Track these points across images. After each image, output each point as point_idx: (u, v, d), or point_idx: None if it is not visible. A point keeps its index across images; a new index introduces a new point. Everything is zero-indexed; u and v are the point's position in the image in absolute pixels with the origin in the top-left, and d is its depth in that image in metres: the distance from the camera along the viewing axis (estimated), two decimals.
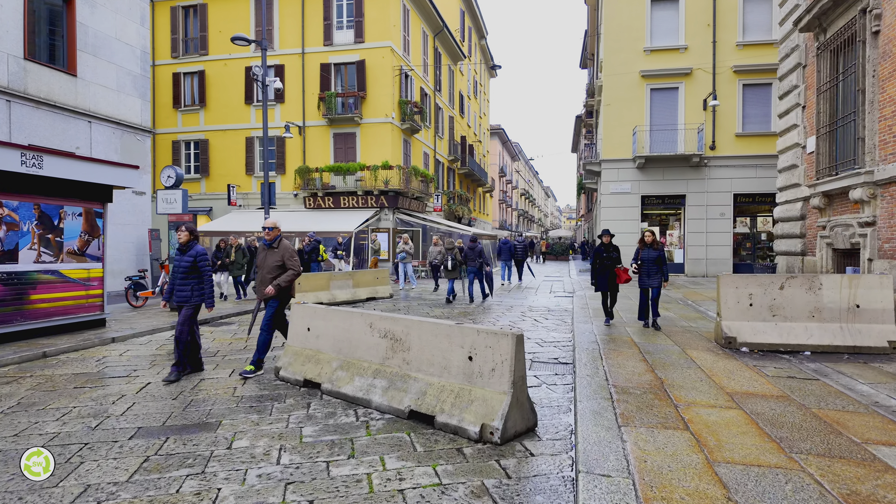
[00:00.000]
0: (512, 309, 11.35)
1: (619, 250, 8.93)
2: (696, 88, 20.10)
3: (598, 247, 9.00)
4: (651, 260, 8.35)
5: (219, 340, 8.04)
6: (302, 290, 11.93)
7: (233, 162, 24.87)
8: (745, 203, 20.19)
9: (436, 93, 29.84)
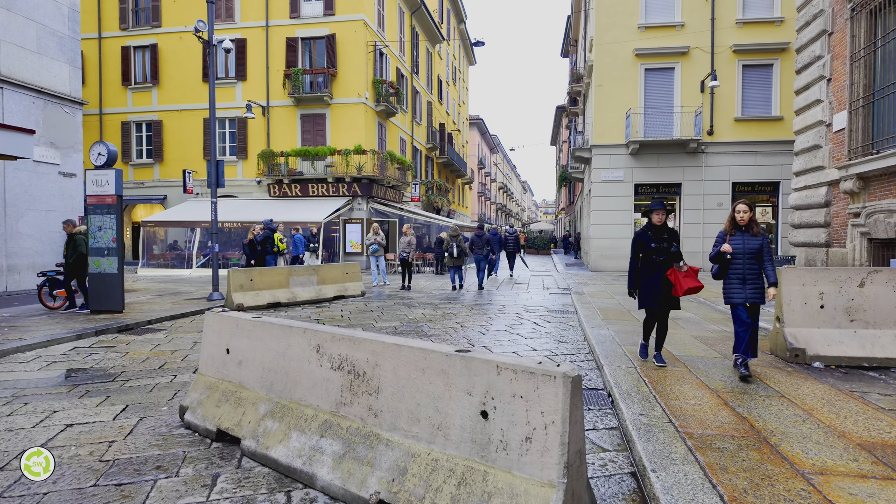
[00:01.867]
0: (505, 309, 9.68)
1: (678, 238, 5.27)
2: (694, 69, 18.71)
3: (641, 232, 5.31)
4: (749, 254, 4.81)
5: (133, 354, 6.16)
6: (255, 287, 10.06)
7: (189, 145, 22.59)
8: (744, 192, 18.93)
9: (413, 75, 27.94)
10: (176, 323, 8.37)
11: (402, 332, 7.45)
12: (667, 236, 5.17)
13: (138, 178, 23.19)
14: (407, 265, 13.10)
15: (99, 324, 7.80)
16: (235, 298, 9.73)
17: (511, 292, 12.60)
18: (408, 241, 13.08)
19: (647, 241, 5.17)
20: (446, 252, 13.34)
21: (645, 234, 5.23)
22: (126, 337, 7.22)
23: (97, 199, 9.03)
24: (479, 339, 6.86)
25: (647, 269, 5.16)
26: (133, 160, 23.13)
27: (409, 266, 13.12)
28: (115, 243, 8.89)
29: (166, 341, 6.90)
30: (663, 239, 5.15)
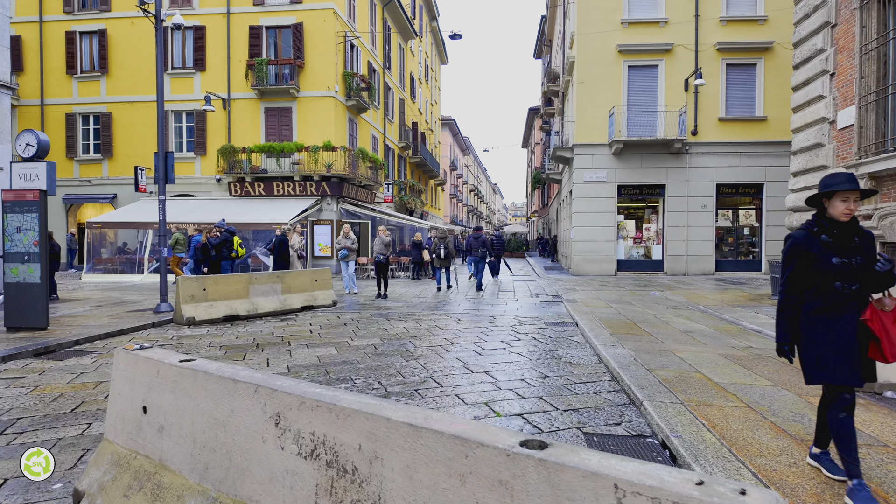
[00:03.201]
0: (497, 321, 8.64)
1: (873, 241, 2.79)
2: (678, 67, 18.17)
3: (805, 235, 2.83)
4: None
5: (43, 390, 4.85)
6: (209, 297, 8.75)
7: (142, 140, 20.81)
8: (728, 194, 18.49)
9: (385, 71, 26.75)
10: (111, 343, 7.01)
11: (384, 351, 6.33)
12: (858, 243, 2.75)
13: (85, 175, 21.26)
14: (383, 270, 11.95)
15: (11, 345, 6.40)
16: (185, 311, 8.40)
17: (499, 300, 11.59)
18: (383, 243, 11.92)
19: (823, 253, 2.74)
20: (433, 253, 13.47)
21: (815, 240, 2.78)
22: (42, 363, 5.85)
23: (15, 194, 7.58)
24: (476, 360, 5.80)
25: (824, 304, 2.75)
26: (79, 156, 21.20)
27: (384, 271, 11.96)
28: (37, 247, 7.47)
29: (91, 369, 5.58)
30: (854, 249, 2.73)
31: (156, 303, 11.05)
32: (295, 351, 6.40)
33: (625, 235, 18.84)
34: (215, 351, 6.44)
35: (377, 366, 5.62)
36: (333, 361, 5.85)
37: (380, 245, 11.99)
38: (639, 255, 18.85)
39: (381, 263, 11.89)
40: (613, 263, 18.37)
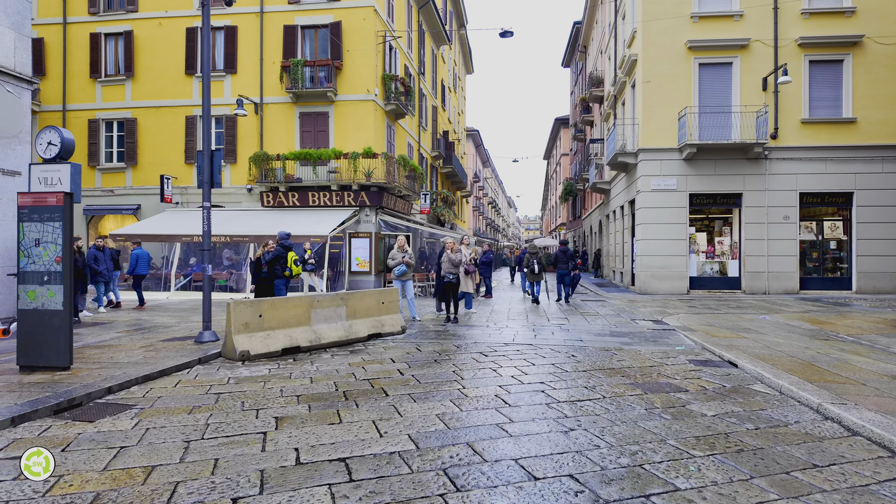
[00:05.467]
0: (621, 358, 6.91)
1: None
2: (754, 64, 16.50)
3: None
4: None
5: (67, 487, 3.23)
6: (266, 325, 7.13)
7: (168, 148, 19.51)
8: (812, 204, 16.67)
9: (420, 76, 25.38)
10: (153, 391, 5.39)
11: (521, 403, 4.65)
12: None
13: (107, 185, 19.97)
14: (453, 290, 10.28)
15: (24, 397, 4.81)
16: (238, 343, 6.79)
17: (593, 325, 9.84)
18: (452, 262, 10.25)
19: None
20: (526, 268, 14.42)
21: None
22: (65, 428, 4.24)
23: (34, 198, 6.05)
24: (666, 429, 4.09)
25: None
26: (101, 164, 19.93)
27: (454, 291, 10.29)
28: (59, 265, 5.92)
29: (135, 439, 3.96)
30: None
31: (191, 326, 9.49)
32: (400, 405, 4.74)
33: (696, 249, 17.04)
34: (292, 406, 4.80)
35: (546, 439, 3.95)
36: (462, 425, 4.19)
37: (448, 263, 10.33)
38: (713, 272, 17.02)
39: (451, 283, 10.22)
40: (686, 281, 16.56)
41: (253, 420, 4.38)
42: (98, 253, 11.99)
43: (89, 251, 12.16)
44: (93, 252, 11.98)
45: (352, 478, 3.22)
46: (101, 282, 12.07)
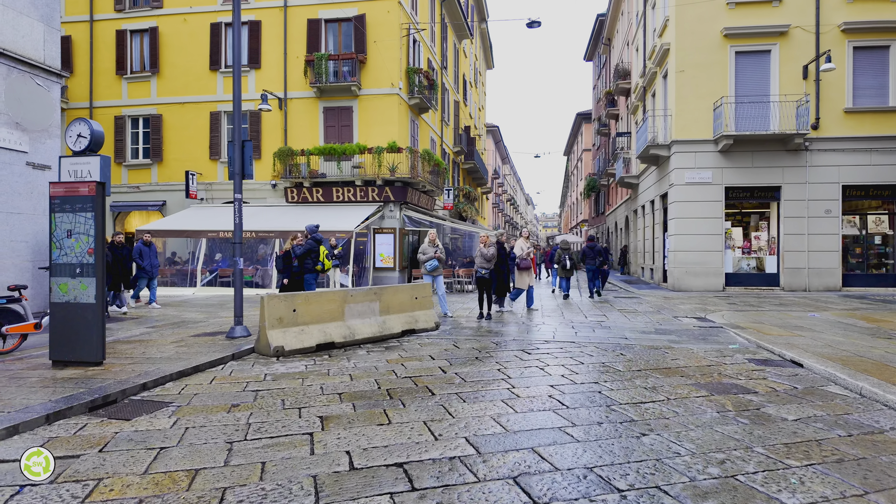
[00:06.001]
0: (675, 356, 6.52)
1: None
2: (794, 52, 15.83)
3: None
4: None
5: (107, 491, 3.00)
6: (299, 321, 6.89)
7: (193, 144, 19.51)
8: (856, 197, 15.97)
9: (442, 70, 25.06)
10: (188, 388, 5.18)
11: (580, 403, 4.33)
12: None
13: (133, 181, 20.05)
14: (486, 287, 9.95)
15: (58, 393, 4.63)
16: (273, 338, 6.56)
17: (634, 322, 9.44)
18: (485, 257, 9.91)
19: None
20: (557, 264, 14.38)
21: None
22: (101, 426, 4.03)
23: (66, 188, 5.89)
24: None
25: None
26: (128, 160, 20.01)
27: (488, 288, 9.96)
28: (92, 256, 5.74)
29: (174, 438, 3.72)
30: None
31: (221, 322, 9.33)
32: (450, 406, 4.44)
33: (732, 245, 16.45)
34: (336, 404, 4.53)
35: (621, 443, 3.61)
36: (521, 428, 3.87)
37: (480, 258, 10.00)
38: (749, 268, 16.42)
39: (485, 279, 9.89)
40: (721, 277, 15.99)
41: (296, 419, 4.12)
42: (144, 248, 11.79)
43: (136, 246, 11.97)
44: (139, 247, 11.80)
45: (414, 486, 2.93)
46: (143, 277, 11.82)
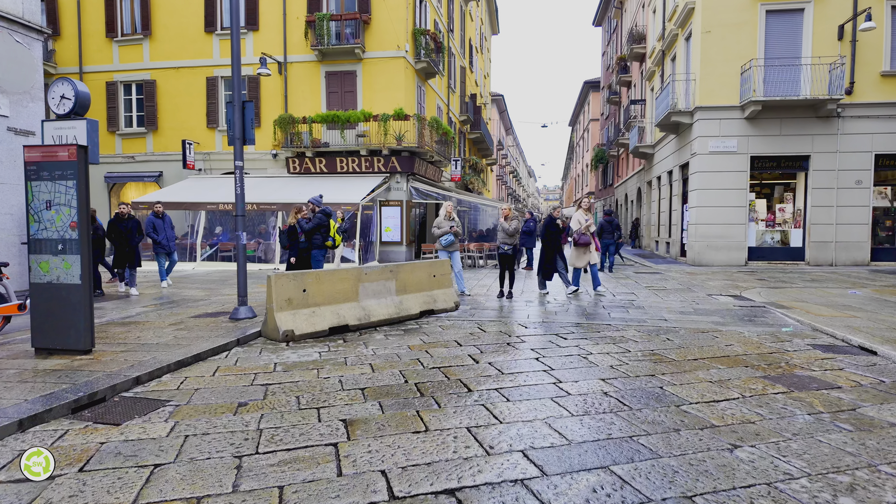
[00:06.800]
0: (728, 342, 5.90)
1: None
2: (829, 10, 14.80)
3: None
4: None
5: None
6: (310, 301, 6.24)
7: (189, 111, 18.59)
8: (888, 167, 15.16)
9: (449, 34, 23.87)
10: (188, 381, 4.55)
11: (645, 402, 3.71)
12: None
13: (128, 151, 19.20)
14: (508, 263, 9.28)
15: (37, 390, 3.99)
16: (282, 321, 5.92)
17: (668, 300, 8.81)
18: (507, 232, 9.20)
19: None
20: None
21: None
22: (85, 434, 3.40)
23: (43, 153, 5.15)
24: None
25: None
26: (121, 129, 19.12)
27: (511, 264, 9.29)
28: (75, 230, 5.05)
29: (172, 450, 3.10)
30: None
31: (223, 300, 8.70)
32: (493, 406, 3.81)
33: (755, 218, 15.72)
34: (359, 403, 3.90)
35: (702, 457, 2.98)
36: (585, 438, 3.24)
37: (503, 234, 9.29)
38: (773, 242, 15.73)
39: (507, 255, 9.21)
40: (744, 251, 15.33)
41: (315, 424, 3.49)
42: (157, 220, 10.56)
43: (147, 219, 10.71)
44: (151, 220, 10.58)
45: None
46: (161, 253, 10.73)
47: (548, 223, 9.46)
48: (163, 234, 10.56)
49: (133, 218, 9.67)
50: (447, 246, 9.74)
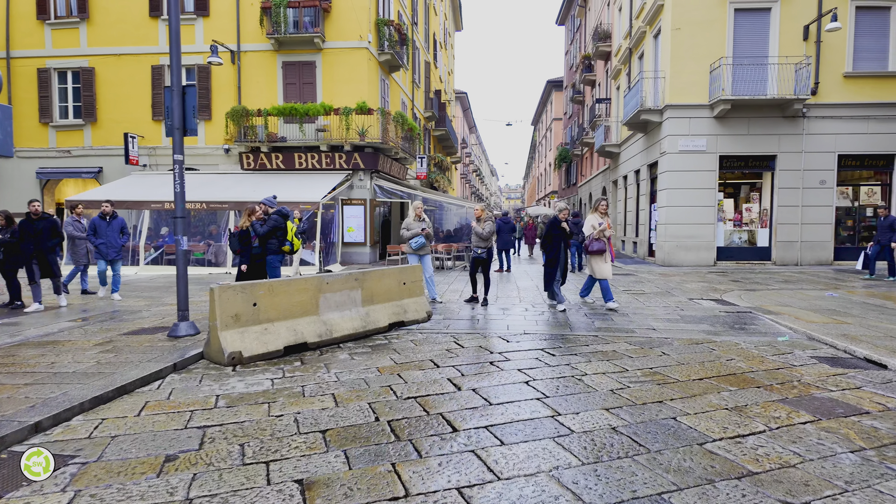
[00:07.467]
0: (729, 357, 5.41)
1: None
2: (795, 10, 14.83)
3: None
4: None
5: None
6: (261, 316, 5.42)
7: (133, 102, 17.18)
8: (850, 167, 15.34)
9: (413, 26, 23.09)
10: (105, 425, 3.68)
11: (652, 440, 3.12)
12: None
13: (63, 145, 17.61)
14: (483, 267, 8.64)
15: None
16: (227, 342, 5.08)
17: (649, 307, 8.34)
18: (480, 236, 8.55)
19: None
20: (539, 238, 13.01)
21: None
22: None
23: None
24: None
25: None
26: (55, 121, 17.51)
27: (485, 268, 8.66)
28: None
29: None
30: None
31: (164, 311, 7.72)
32: (485, 452, 3.14)
33: (723, 217, 15.66)
34: (320, 453, 3.16)
35: None
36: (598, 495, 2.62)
37: (476, 238, 8.65)
38: (741, 242, 15.70)
39: (481, 259, 8.57)
40: (713, 251, 15.22)
41: (263, 488, 2.73)
42: (100, 222, 9.28)
43: (92, 220, 9.44)
44: (95, 221, 9.31)
45: None
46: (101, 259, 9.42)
47: (552, 225, 8.18)
48: (103, 239, 9.34)
49: (48, 217, 8.38)
50: (418, 249, 9.01)
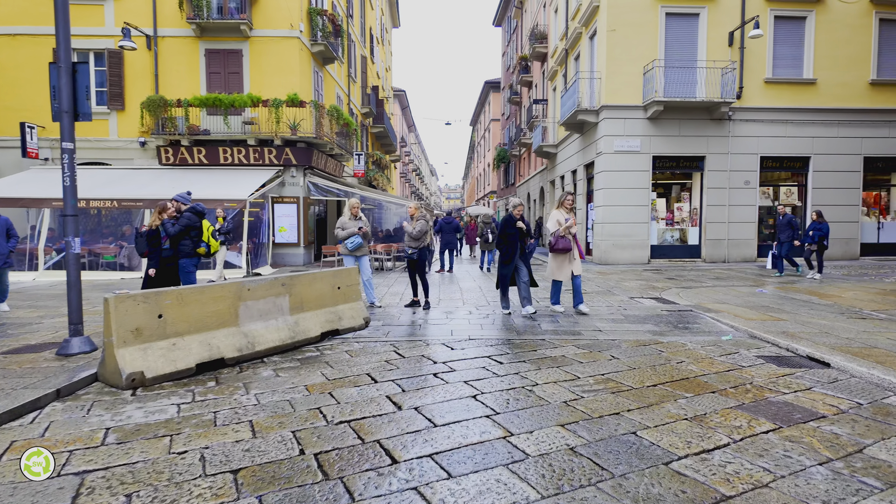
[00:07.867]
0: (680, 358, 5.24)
1: None
2: (721, 16, 15.42)
3: None
4: None
5: None
6: (171, 330, 4.69)
7: (31, 89, 15.40)
8: (771, 168, 16.15)
9: (348, 19, 22.28)
10: None
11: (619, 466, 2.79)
12: None
13: None
14: (417, 269, 8.17)
15: None
16: (125, 361, 4.33)
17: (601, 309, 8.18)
18: (416, 232, 8.09)
19: None
20: (479, 237, 14.30)
21: None
22: None
23: None
24: None
25: None
26: None
27: (420, 270, 8.19)
28: None
29: None
30: None
31: (58, 325, 6.71)
32: (429, 487, 2.70)
33: (656, 216, 16.06)
34: (227, 501, 2.58)
35: None
36: None
37: (407, 237, 8.17)
38: (673, 240, 16.16)
39: (413, 261, 8.10)
40: (647, 249, 15.57)
41: None
42: None
43: None
44: None
45: None
46: None
47: (505, 223, 7.52)
48: None
49: None
50: (354, 250, 8.41)
